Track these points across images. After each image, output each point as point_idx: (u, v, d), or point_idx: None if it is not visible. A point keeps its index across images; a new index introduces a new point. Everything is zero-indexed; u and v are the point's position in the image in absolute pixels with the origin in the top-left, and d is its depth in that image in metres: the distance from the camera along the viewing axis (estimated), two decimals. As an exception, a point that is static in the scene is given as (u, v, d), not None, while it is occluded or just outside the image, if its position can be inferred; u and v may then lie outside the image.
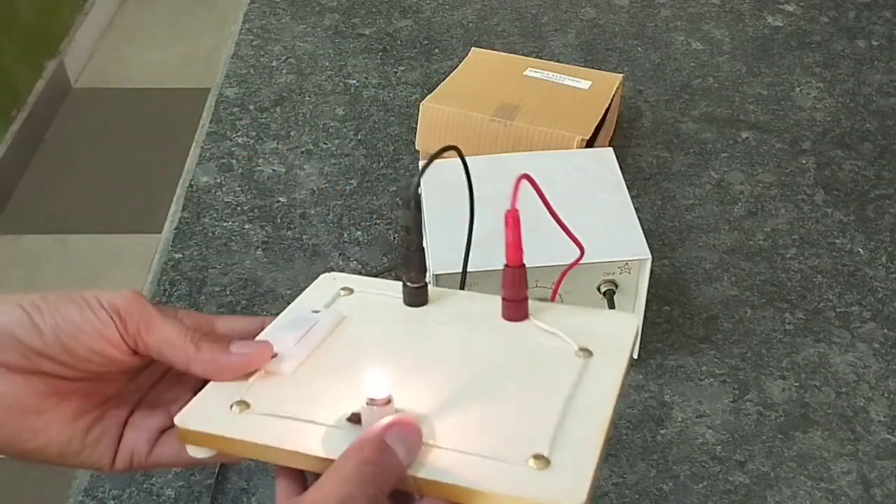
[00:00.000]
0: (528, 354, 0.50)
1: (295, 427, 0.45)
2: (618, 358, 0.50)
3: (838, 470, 0.72)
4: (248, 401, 0.46)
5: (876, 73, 1.10)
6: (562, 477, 0.43)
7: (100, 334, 0.45)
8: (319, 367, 0.49)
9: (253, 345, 0.48)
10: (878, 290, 0.85)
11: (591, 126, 0.90)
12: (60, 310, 0.45)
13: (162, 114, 2.59)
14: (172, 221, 0.93)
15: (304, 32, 1.17)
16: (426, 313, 0.53)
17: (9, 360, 0.44)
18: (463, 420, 0.46)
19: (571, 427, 0.46)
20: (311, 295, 0.56)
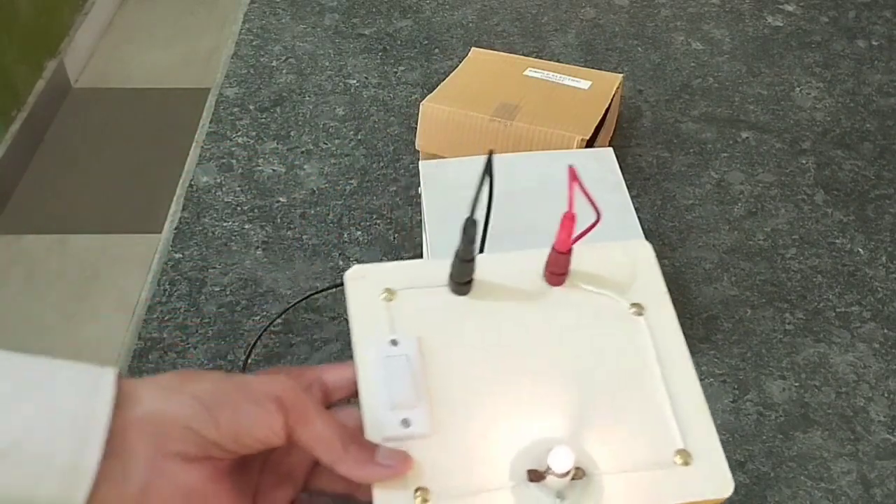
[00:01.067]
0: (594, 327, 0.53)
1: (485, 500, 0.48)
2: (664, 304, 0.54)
3: (838, 470, 0.72)
4: (424, 486, 0.48)
5: (876, 73, 1.10)
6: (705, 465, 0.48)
7: (268, 426, 0.48)
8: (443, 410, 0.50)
9: (396, 456, 0.49)
10: (878, 290, 0.85)
11: (591, 126, 0.90)
12: (233, 404, 0.48)
13: (162, 114, 2.59)
14: (172, 221, 0.93)
15: (304, 32, 1.17)
16: (478, 301, 0.54)
17: (188, 451, 0.47)
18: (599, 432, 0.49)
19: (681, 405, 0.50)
20: (359, 309, 0.54)
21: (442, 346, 0.52)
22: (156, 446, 0.46)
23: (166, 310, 0.84)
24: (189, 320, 0.83)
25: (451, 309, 0.54)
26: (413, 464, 0.48)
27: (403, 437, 0.49)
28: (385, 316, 0.54)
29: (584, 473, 0.48)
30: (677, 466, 0.48)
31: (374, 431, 0.49)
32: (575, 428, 0.49)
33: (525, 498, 0.47)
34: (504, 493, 0.48)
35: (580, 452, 0.48)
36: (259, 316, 0.84)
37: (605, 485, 0.48)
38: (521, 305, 0.54)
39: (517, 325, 0.53)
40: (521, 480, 0.48)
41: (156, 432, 0.47)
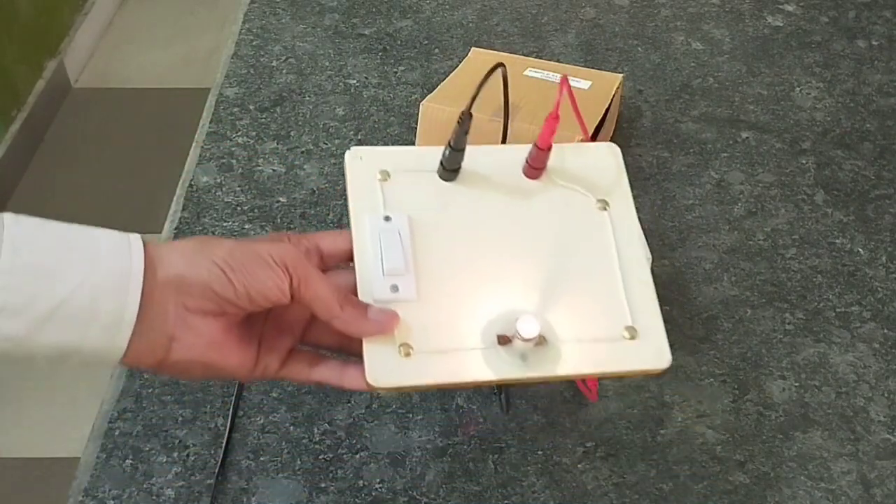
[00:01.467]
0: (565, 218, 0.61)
1: (459, 359, 0.55)
2: (627, 202, 0.61)
3: (838, 470, 0.72)
4: (408, 342, 0.55)
5: (876, 73, 1.10)
6: (648, 341, 0.57)
7: (277, 287, 0.55)
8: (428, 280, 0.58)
9: (385, 313, 0.56)
10: (878, 290, 0.85)
11: (591, 126, 0.90)
12: (248, 268, 0.55)
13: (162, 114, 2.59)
14: (172, 221, 0.93)
15: (304, 32, 1.17)
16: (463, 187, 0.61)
17: (207, 307, 0.54)
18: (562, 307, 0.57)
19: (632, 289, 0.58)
20: (357, 187, 0.61)
21: (429, 225, 0.59)
22: (180, 303, 0.54)
23: (166, 310, 0.84)
24: (189, 320, 0.83)
25: (439, 192, 0.61)
26: (399, 322, 0.56)
27: (392, 300, 0.56)
28: (380, 195, 0.60)
29: (545, 340, 0.56)
30: (625, 340, 0.57)
31: (367, 294, 0.57)
32: (540, 301, 0.57)
33: (493, 357, 0.55)
34: (476, 353, 0.55)
35: (543, 322, 0.56)
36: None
37: (563, 351, 0.56)
38: (501, 193, 0.61)
39: (496, 211, 0.61)
40: (492, 343, 0.56)
41: (180, 291, 0.54)
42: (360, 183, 0.61)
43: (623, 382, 0.78)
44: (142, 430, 0.75)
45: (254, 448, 0.73)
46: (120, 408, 0.76)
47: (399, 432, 0.74)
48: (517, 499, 0.70)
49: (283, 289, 0.55)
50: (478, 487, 0.71)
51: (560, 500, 0.70)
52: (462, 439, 0.74)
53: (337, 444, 0.73)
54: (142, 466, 0.72)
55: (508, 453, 0.73)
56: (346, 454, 0.73)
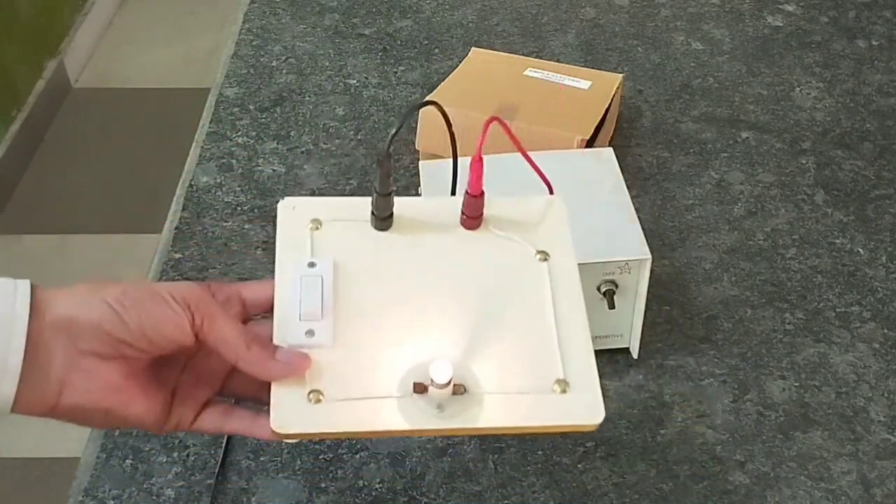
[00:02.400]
0: (501, 267, 0.59)
1: (372, 407, 0.53)
2: (569, 255, 0.59)
3: (838, 470, 0.72)
4: (318, 388, 0.53)
5: (876, 73, 1.10)
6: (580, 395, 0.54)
7: (176, 325, 0.53)
8: (348, 327, 0.56)
9: (294, 355, 0.54)
10: (878, 290, 0.85)
11: (591, 126, 0.90)
12: (142, 305, 0.53)
13: (162, 114, 2.59)
14: (172, 221, 0.93)
15: (304, 32, 1.17)
16: (396, 236, 0.60)
17: (100, 350, 0.52)
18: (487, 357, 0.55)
19: (567, 341, 0.55)
20: (286, 235, 0.60)
21: (356, 272, 0.58)
22: (71, 346, 0.51)
23: (166, 310, 0.84)
24: (189, 320, 0.83)
25: (370, 241, 0.60)
26: (310, 364, 0.54)
27: (306, 345, 0.54)
28: (308, 242, 0.59)
29: (466, 390, 0.53)
30: (555, 394, 0.53)
31: (281, 338, 0.55)
32: (465, 350, 0.55)
33: (408, 406, 0.53)
34: (390, 402, 0.53)
35: (466, 372, 0.54)
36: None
37: (485, 402, 0.53)
38: (435, 243, 0.60)
39: (428, 260, 0.59)
40: (407, 392, 0.53)
41: (70, 333, 0.51)
42: (290, 231, 0.60)
43: (623, 382, 0.78)
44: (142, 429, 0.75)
45: (254, 448, 0.73)
46: (120, 408, 0.76)
47: (399, 432, 0.74)
48: (517, 499, 0.70)
49: (184, 327, 0.53)
50: (478, 487, 0.71)
51: (560, 500, 0.70)
52: (462, 439, 0.74)
53: (337, 444, 0.73)
54: (142, 466, 0.72)
55: (508, 453, 0.73)
56: (346, 454, 0.73)
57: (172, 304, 0.53)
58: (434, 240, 0.60)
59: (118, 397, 0.53)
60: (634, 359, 0.79)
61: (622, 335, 0.78)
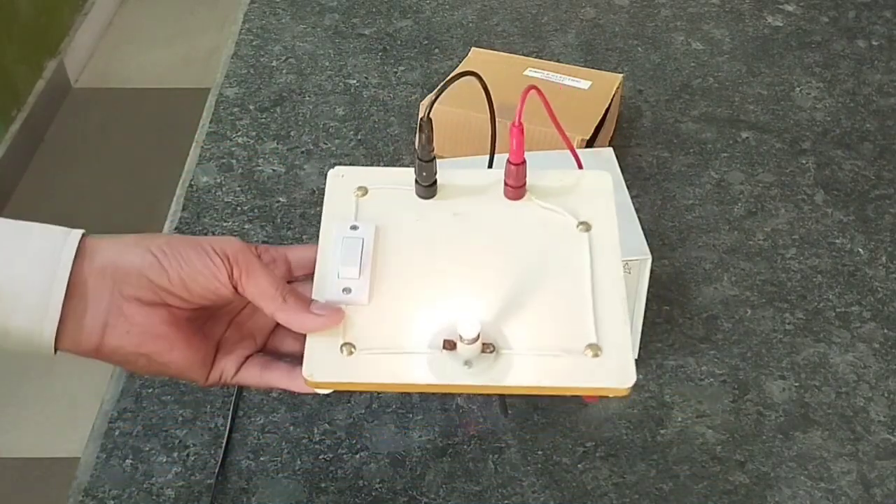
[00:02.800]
0: (541, 236, 0.59)
1: (401, 361, 0.54)
2: (611, 227, 0.59)
3: (838, 470, 0.72)
4: (351, 341, 0.54)
5: (876, 73, 1.10)
6: (612, 360, 0.54)
7: (214, 276, 0.55)
8: (384, 286, 0.57)
9: (328, 308, 0.56)
10: (878, 290, 0.85)
11: (591, 126, 0.90)
12: (183, 255, 0.55)
13: (162, 114, 2.59)
14: (172, 221, 0.93)
15: (304, 32, 1.17)
16: (440, 204, 0.61)
17: (143, 296, 0.54)
18: (521, 319, 0.55)
19: (603, 308, 0.55)
20: (333, 201, 0.62)
21: (398, 237, 0.59)
22: (114, 290, 0.54)
23: (166, 310, 0.84)
24: (189, 320, 0.83)
25: (414, 208, 0.61)
26: (343, 317, 0.55)
27: (342, 301, 0.56)
28: (353, 207, 0.61)
29: (495, 349, 0.54)
30: (586, 357, 0.54)
31: (319, 293, 0.57)
32: (498, 312, 0.55)
33: (435, 360, 0.54)
34: (418, 356, 0.54)
35: (496, 332, 0.54)
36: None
37: (515, 362, 0.54)
38: (477, 211, 0.60)
39: (469, 228, 0.60)
40: (437, 348, 0.54)
41: (114, 279, 0.54)
42: (337, 197, 0.62)
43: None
44: (142, 430, 0.75)
45: (254, 448, 0.73)
46: (120, 408, 0.76)
47: (399, 432, 0.74)
48: (517, 499, 0.70)
49: (221, 278, 0.55)
50: (478, 487, 0.71)
51: (560, 500, 0.70)
52: (462, 439, 0.74)
53: (337, 444, 0.73)
54: (142, 466, 0.72)
55: (508, 453, 0.73)
56: (346, 454, 0.73)
57: (212, 256, 0.55)
58: (476, 208, 0.60)
59: (159, 343, 0.55)
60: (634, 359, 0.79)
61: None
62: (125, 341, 0.55)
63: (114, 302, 0.54)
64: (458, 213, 0.60)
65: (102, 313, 0.54)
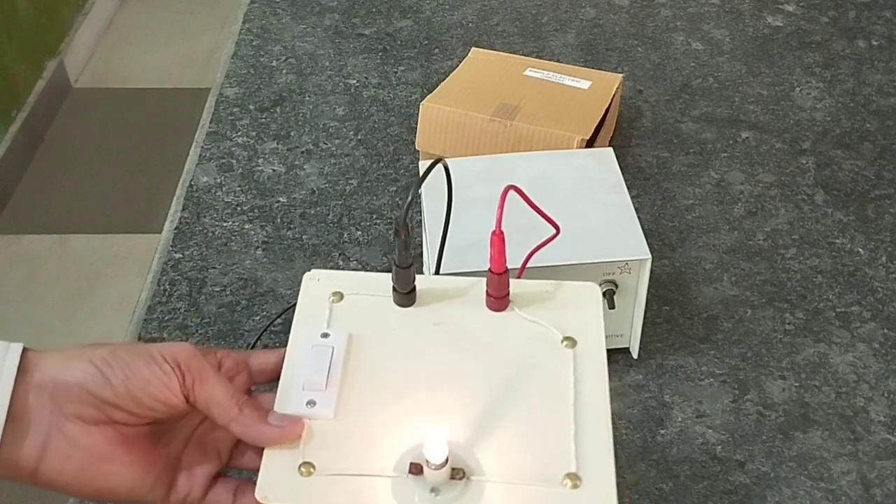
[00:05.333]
0: (523, 351, 0.55)
1: (364, 485, 0.50)
2: (598, 344, 0.56)
3: (838, 470, 0.72)
4: (311, 461, 0.51)
5: (876, 73, 1.10)
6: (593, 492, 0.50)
7: (164, 385, 0.51)
8: (353, 400, 0.53)
9: (287, 419, 0.52)
10: (878, 290, 0.85)
11: (591, 126, 0.90)
12: (130, 365, 0.50)
13: (162, 114, 2.59)
14: (172, 221, 0.93)
15: (304, 32, 1.17)
16: (418, 313, 0.58)
17: (84, 413, 0.50)
18: (495, 443, 0.51)
19: (585, 434, 0.52)
20: (306, 305, 0.59)
21: (372, 347, 0.56)
22: (54, 408, 0.49)
23: (166, 310, 0.84)
24: (189, 320, 0.83)
25: (390, 317, 0.58)
26: (303, 430, 0.52)
27: (306, 415, 0.52)
28: (327, 314, 0.58)
29: (465, 475, 0.50)
30: (564, 488, 0.50)
31: (282, 405, 0.53)
32: (472, 435, 0.51)
33: (400, 487, 0.50)
34: (382, 480, 0.50)
35: (469, 456, 0.50)
36: (259, 316, 0.84)
37: (486, 490, 0.49)
38: (457, 323, 0.57)
39: (448, 340, 0.56)
40: (403, 472, 0.50)
41: (53, 395, 0.49)
42: (310, 301, 0.59)
43: (623, 382, 0.78)
44: (142, 430, 0.75)
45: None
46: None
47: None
48: (517, 499, 0.70)
49: (172, 387, 0.51)
50: (478, 487, 0.71)
51: (560, 500, 0.70)
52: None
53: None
54: (142, 466, 0.72)
55: (508, 453, 0.73)
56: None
57: (161, 363, 0.51)
58: (457, 319, 0.57)
59: (103, 466, 0.51)
60: (634, 359, 0.79)
61: (622, 335, 0.78)
62: (65, 465, 0.50)
63: (53, 422, 0.49)
64: (438, 324, 0.57)
65: (41, 435, 0.49)
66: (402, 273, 0.57)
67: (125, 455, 0.51)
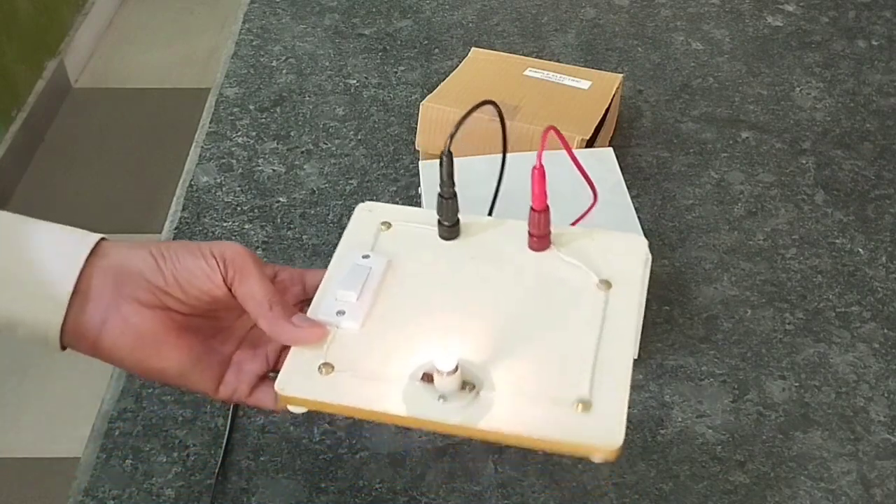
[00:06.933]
0: (556, 288, 0.57)
1: (376, 388, 0.52)
2: (633, 289, 0.57)
3: (838, 470, 0.72)
4: (331, 362, 0.54)
5: (876, 73, 1.10)
6: (602, 419, 0.50)
7: (208, 277, 0.56)
8: (381, 316, 0.56)
9: (309, 322, 0.56)
10: (878, 290, 0.85)
11: (591, 126, 0.90)
12: (179, 257, 0.56)
13: (162, 114, 2.59)
14: (172, 221, 0.93)
15: (304, 32, 1.17)
16: (461, 247, 0.60)
17: (142, 297, 0.55)
18: (512, 364, 0.53)
19: (604, 366, 0.53)
20: (354, 231, 0.62)
21: (410, 273, 0.59)
22: (115, 290, 0.55)
23: (166, 310, 0.84)
24: (189, 320, 0.83)
25: (433, 248, 0.60)
26: (324, 335, 0.55)
27: (333, 321, 0.56)
28: (372, 240, 0.61)
29: (475, 388, 0.51)
30: (573, 410, 0.51)
31: (314, 311, 0.57)
32: (491, 355, 0.53)
33: (410, 390, 0.52)
34: (394, 385, 0.52)
35: (482, 372, 0.52)
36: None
37: (494, 403, 0.51)
38: (496, 258, 0.59)
39: (484, 273, 0.59)
40: (416, 380, 0.52)
41: (116, 279, 0.55)
42: (359, 228, 0.62)
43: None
44: (142, 430, 0.75)
45: (254, 448, 0.73)
46: (120, 408, 0.76)
47: (399, 432, 0.74)
48: (517, 499, 0.70)
49: (215, 279, 0.56)
50: (478, 487, 0.71)
51: (560, 500, 0.70)
52: (462, 439, 0.74)
53: (337, 444, 0.73)
54: (142, 466, 0.72)
55: (508, 453, 0.73)
56: (346, 454, 0.73)
57: (208, 258, 0.56)
58: (496, 255, 0.59)
59: (154, 347, 0.56)
60: (634, 359, 0.79)
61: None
62: (120, 341, 0.55)
63: (113, 301, 0.55)
64: (476, 258, 0.59)
65: (102, 311, 0.55)
66: (445, 204, 0.59)
67: (176, 339, 0.56)
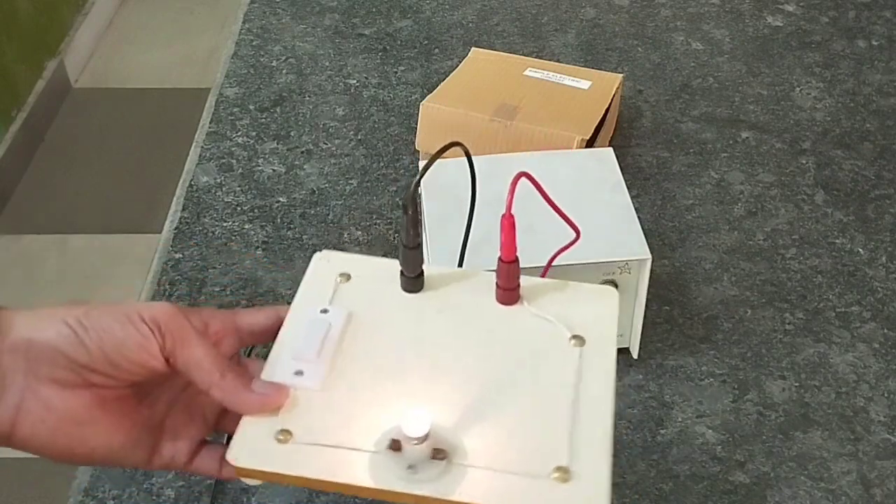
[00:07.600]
0: (527, 344, 0.54)
1: (340, 457, 0.48)
2: (608, 345, 0.54)
3: (838, 470, 0.72)
4: (289, 429, 0.49)
5: (876, 73, 1.10)
6: (583, 488, 0.47)
7: (142, 348, 0.48)
8: (343, 376, 0.52)
9: (271, 387, 0.50)
10: (878, 290, 0.85)
11: (591, 126, 0.90)
12: (104, 326, 0.48)
13: (162, 114, 2.59)
14: (172, 221, 0.93)
15: (304, 32, 1.17)
16: (424, 300, 0.56)
17: (59, 376, 0.47)
18: (484, 429, 0.49)
19: (582, 431, 0.49)
20: (312, 282, 0.57)
21: (372, 328, 0.54)
22: (29, 370, 0.47)
23: (166, 310, 0.84)
24: (189, 320, 0.83)
25: (396, 301, 0.56)
26: (286, 398, 0.50)
27: (292, 384, 0.51)
28: (331, 292, 0.57)
29: (447, 456, 0.47)
30: (552, 481, 0.47)
31: (269, 373, 0.51)
32: (462, 419, 0.49)
33: (376, 461, 0.48)
34: (360, 455, 0.48)
35: (453, 439, 0.48)
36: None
37: (467, 475, 0.47)
38: (462, 313, 0.56)
39: (451, 328, 0.55)
40: (383, 448, 0.48)
41: (28, 357, 0.47)
42: (316, 280, 0.58)
43: (623, 382, 0.78)
44: (142, 430, 0.75)
45: (254, 448, 0.73)
46: (120, 408, 0.76)
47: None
48: (517, 499, 0.70)
49: (151, 350, 0.48)
50: (478, 487, 0.71)
51: (560, 500, 0.70)
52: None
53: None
54: (142, 466, 0.72)
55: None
56: (346, 454, 0.73)
57: (139, 325, 0.48)
58: (462, 309, 0.55)
59: (79, 430, 0.49)
60: (634, 359, 0.79)
61: (622, 335, 0.78)
62: (40, 430, 0.48)
63: (28, 384, 0.47)
64: (442, 312, 0.55)
65: (15, 397, 0.47)
66: (409, 254, 0.54)
67: (104, 418, 0.49)
